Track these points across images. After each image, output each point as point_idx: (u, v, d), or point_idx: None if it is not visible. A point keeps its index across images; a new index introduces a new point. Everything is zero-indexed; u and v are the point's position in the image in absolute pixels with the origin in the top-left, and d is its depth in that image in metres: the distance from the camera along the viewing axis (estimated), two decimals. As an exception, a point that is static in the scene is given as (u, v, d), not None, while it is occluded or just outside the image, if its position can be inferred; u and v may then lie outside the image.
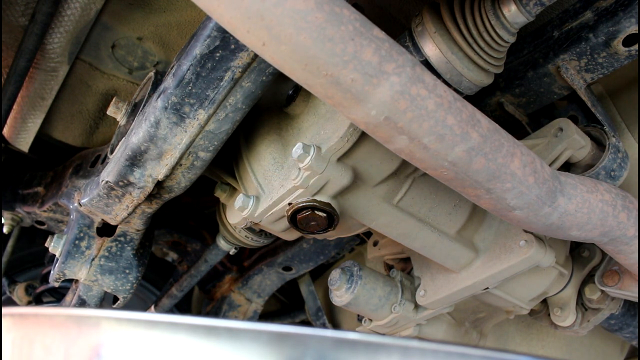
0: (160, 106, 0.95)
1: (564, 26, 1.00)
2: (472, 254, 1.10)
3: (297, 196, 0.92)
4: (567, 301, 1.27)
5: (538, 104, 1.09)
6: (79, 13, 1.27)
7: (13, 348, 0.42)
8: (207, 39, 0.88)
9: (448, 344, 0.36)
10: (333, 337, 0.36)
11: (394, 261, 1.35)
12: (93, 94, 1.54)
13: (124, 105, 1.25)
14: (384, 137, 0.74)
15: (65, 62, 1.38)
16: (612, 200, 0.91)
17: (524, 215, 0.84)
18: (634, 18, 0.90)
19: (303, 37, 0.63)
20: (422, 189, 1.02)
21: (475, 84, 0.88)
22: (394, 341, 0.36)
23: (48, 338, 0.41)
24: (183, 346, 0.37)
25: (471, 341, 1.34)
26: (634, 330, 1.38)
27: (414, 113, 0.70)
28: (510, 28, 0.85)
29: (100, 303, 1.27)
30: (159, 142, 0.99)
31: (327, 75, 0.65)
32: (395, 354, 0.35)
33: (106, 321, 0.40)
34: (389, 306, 1.20)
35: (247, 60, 0.90)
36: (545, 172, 0.83)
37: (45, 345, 0.41)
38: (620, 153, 0.99)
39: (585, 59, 0.97)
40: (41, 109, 1.49)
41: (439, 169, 0.77)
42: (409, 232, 1.04)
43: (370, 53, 0.66)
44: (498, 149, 0.77)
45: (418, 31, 0.86)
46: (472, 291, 1.12)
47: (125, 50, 1.46)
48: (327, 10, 0.63)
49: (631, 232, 0.94)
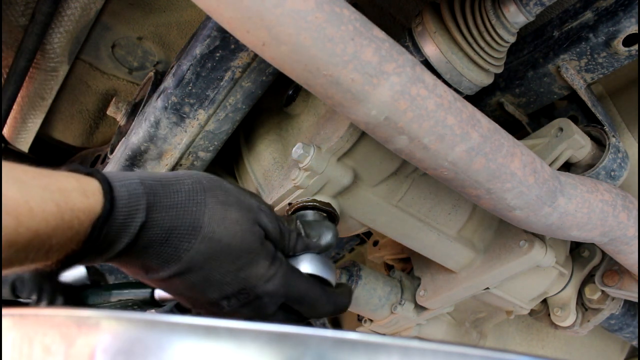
0: (160, 106, 0.95)
1: (564, 26, 1.00)
2: (472, 254, 1.10)
3: (297, 196, 0.92)
4: (567, 301, 1.27)
5: (538, 104, 1.08)
6: (79, 13, 1.27)
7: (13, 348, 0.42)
8: (207, 39, 0.88)
9: (448, 344, 0.36)
10: (333, 337, 0.36)
11: (394, 261, 1.35)
12: (93, 94, 1.54)
13: (124, 105, 1.25)
14: (384, 137, 0.73)
15: (65, 62, 1.38)
16: (612, 200, 0.91)
17: (524, 215, 0.84)
18: (634, 18, 0.90)
19: (303, 37, 0.63)
20: (422, 189, 1.02)
21: (475, 84, 0.87)
22: (394, 341, 0.36)
23: (48, 338, 0.41)
24: (183, 346, 0.37)
25: (471, 341, 1.34)
26: (634, 330, 1.38)
27: (414, 113, 0.70)
28: (510, 28, 0.85)
29: None
30: (159, 142, 0.99)
31: (327, 75, 0.65)
32: (395, 354, 0.35)
33: (106, 321, 0.40)
34: (389, 306, 1.20)
35: (247, 60, 0.90)
36: (545, 172, 0.83)
37: (45, 345, 0.41)
38: (620, 153, 0.99)
39: (585, 59, 0.97)
40: (41, 109, 1.49)
41: (439, 169, 0.77)
42: (409, 232, 1.04)
43: (370, 53, 0.66)
44: (498, 149, 0.77)
45: (418, 31, 0.86)
46: (472, 291, 1.12)
47: (125, 50, 1.46)
48: (327, 10, 0.63)
49: (631, 232, 0.94)
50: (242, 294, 0.66)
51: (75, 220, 0.53)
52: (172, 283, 0.64)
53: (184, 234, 0.62)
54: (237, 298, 0.66)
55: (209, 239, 0.63)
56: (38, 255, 0.52)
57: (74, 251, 0.56)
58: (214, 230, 0.63)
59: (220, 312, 0.67)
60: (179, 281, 0.63)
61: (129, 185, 0.59)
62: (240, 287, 0.65)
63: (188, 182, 0.64)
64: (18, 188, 0.48)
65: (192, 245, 0.62)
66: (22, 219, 0.48)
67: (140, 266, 0.63)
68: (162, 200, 0.61)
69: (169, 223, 0.61)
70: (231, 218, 0.65)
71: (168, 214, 0.61)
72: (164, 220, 0.61)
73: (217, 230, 0.63)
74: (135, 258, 0.61)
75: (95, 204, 0.56)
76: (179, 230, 0.61)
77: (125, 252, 0.60)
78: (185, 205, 0.62)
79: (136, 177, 0.61)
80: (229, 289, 0.65)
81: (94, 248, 0.57)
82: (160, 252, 0.61)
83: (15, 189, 0.48)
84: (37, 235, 0.49)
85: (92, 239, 0.55)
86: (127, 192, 0.59)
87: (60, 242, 0.53)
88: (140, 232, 0.59)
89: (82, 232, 0.54)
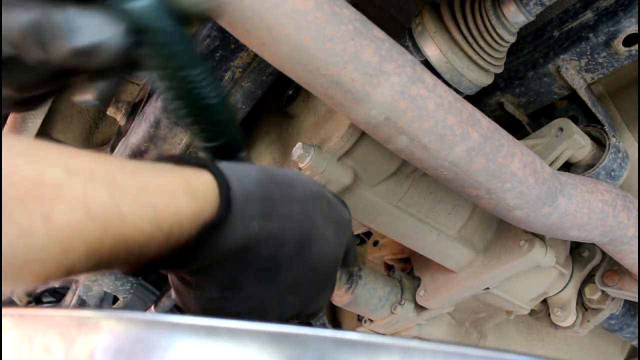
0: (160, 106, 0.95)
1: (564, 26, 1.00)
2: (472, 254, 1.10)
3: (297, 196, 0.92)
4: (567, 301, 1.27)
5: (538, 104, 1.08)
6: (79, 13, 1.27)
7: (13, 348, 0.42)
8: (207, 39, 0.88)
9: (448, 344, 0.36)
10: (333, 337, 0.36)
11: (394, 261, 1.35)
12: (93, 94, 1.54)
13: (124, 105, 1.25)
14: (384, 137, 0.74)
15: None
16: (612, 200, 0.91)
17: (524, 215, 0.84)
18: (634, 18, 0.90)
19: (303, 37, 0.63)
20: (422, 189, 1.02)
21: (475, 84, 0.88)
22: (394, 341, 0.36)
23: (48, 338, 0.41)
24: (183, 346, 0.37)
25: (471, 341, 1.34)
26: (634, 330, 1.38)
27: (414, 113, 0.70)
28: (510, 28, 0.85)
29: (100, 303, 1.27)
30: (159, 142, 0.99)
31: (327, 75, 0.66)
32: (395, 354, 0.35)
33: (106, 321, 0.40)
34: (389, 306, 1.20)
35: (247, 60, 0.90)
36: (545, 172, 0.83)
37: (45, 346, 0.41)
38: (621, 153, 0.99)
39: (585, 59, 0.97)
40: (41, 109, 1.49)
41: (439, 169, 0.77)
42: (409, 232, 1.04)
43: (370, 53, 0.66)
44: (498, 149, 0.77)
45: (418, 31, 0.86)
46: (473, 291, 1.12)
47: (125, 50, 1.46)
48: (327, 10, 0.63)
49: (631, 232, 0.94)
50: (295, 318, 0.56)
51: (177, 227, 0.44)
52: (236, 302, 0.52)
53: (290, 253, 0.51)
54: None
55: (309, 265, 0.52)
56: (123, 265, 0.45)
57: (165, 256, 0.46)
58: (319, 251, 0.53)
59: None
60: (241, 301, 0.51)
61: (246, 185, 0.48)
62: (298, 312, 0.56)
63: (302, 187, 0.53)
64: (109, 189, 0.40)
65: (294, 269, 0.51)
66: (109, 226, 0.40)
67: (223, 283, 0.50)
68: (277, 209, 0.50)
69: (280, 236, 0.50)
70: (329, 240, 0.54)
71: (281, 225, 0.50)
72: (275, 233, 0.49)
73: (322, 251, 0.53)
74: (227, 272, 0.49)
75: (205, 207, 0.45)
76: (286, 249, 0.50)
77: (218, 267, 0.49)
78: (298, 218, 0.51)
79: (253, 171, 0.50)
80: (289, 314, 0.55)
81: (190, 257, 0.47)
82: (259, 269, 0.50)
83: (105, 190, 0.40)
84: (126, 244, 0.41)
85: (195, 246, 0.45)
86: (244, 195, 0.47)
87: (152, 253, 0.44)
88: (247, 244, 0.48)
89: (182, 239, 0.45)
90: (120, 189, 0.41)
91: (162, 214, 0.43)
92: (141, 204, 0.41)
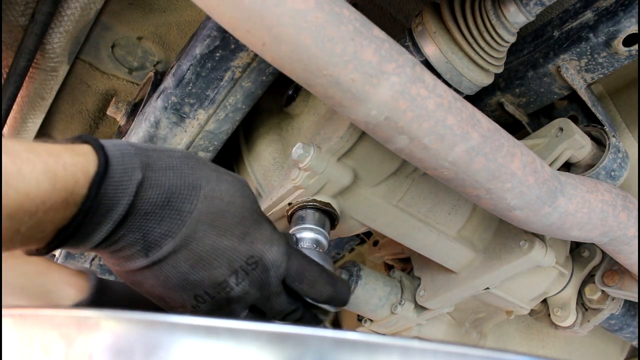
0: (160, 106, 0.95)
1: (564, 26, 1.00)
2: (472, 254, 1.10)
3: (297, 196, 0.92)
4: (567, 301, 1.27)
5: (538, 104, 1.08)
6: (78, 13, 1.27)
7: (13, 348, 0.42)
8: (207, 39, 0.88)
9: (448, 344, 0.36)
10: (333, 337, 0.36)
11: (394, 261, 1.35)
12: (93, 94, 1.54)
13: (124, 105, 1.25)
14: (384, 137, 0.73)
15: (65, 62, 1.38)
16: (612, 200, 0.91)
17: (524, 215, 0.84)
18: (634, 18, 0.90)
19: (303, 37, 0.63)
20: (422, 189, 1.02)
21: (475, 84, 0.88)
22: (394, 341, 0.36)
23: (48, 338, 0.41)
24: (183, 346, 0.37)
25: (471, 341, 1.34)
26: (634, 330, 1.38)
27: (414, 113, 0.70)
28: (510, 28, 0.85)
29: None
30: (159, 142, 0.99)
31: (327, 75, 0.65)
32: (395, 354, 0.35)
33: (106, 321, 0.40)
34: (389, 306, 1.20)
35: (247, 60, 0.90)
36: (545, 172, 0.83)
37: (45, 345, 0.41)
38: (621, 153, 0.99)
39: (585, 59, 0.97)
40: (41, 109, 1.49)
41: (439, 169, 0.77)
42: (409, 232, 1.04)
43: (370, 53, 0.66)
44: (498, 149, 0.77)
45: (418, 31, 0.86)
46: (472, 291, 1.12)
47: (125, 50, 1.46)
48: (327, 10, 0.63)
49: (631, 232, 0.94)
50: (250, 265, 0.61)
51: (71, 178, 0.51)
52: (176, 261, 0.58)
53: (185, 194, 0.58)
54: (246, 272, 0.61)
55: (211, 197, 0.59)
56: (30, 226, 0.50)
57: (69, 221, 0.52)
58: (213, 189, 0.60)
59: (228, 296, 0.61)
60: (184, 257, 0.58)
61: (120, 146, 0.56)
62: (249, 255, 0.61)
63: (178, 151, 0.62)
64: (5, 154, 0.47)
65: (195, 206, 0.58)
66: (10, 181, 0.46)
67: (141, 243, 0.57)
68: (157, 162, 0.58)
69: (167, 182, 0.57)
70: (227, 180, 0.62)
71: (165, 174, 0.57)
72: (162, 180, 0.57)
73: (217, 189, 0.60)
74: (136, 230, 0.56)
75: (88, 163, 0.53)
76: (180, 190, 0.57)
77: (124, 223, 0.55)
78: (180, 168, 0.59)
79: (125, 142, 0.59)
80: (238, 259, 0.60)
81: (91, 215, 0.53)
82: (162, 217, 0.56)
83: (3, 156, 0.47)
84: (28, 198, 0.48)
85: (90, 199, 0.52)
86: (119, 152, 0.55)
87: (54, 207, 0.50)
88: (138, 192, 0.55)
89: (77, 192, 0.51)
90: (16, 153, 0.48)
91: (53, 165, 0.50)
92: (33, 161, 0.49)
